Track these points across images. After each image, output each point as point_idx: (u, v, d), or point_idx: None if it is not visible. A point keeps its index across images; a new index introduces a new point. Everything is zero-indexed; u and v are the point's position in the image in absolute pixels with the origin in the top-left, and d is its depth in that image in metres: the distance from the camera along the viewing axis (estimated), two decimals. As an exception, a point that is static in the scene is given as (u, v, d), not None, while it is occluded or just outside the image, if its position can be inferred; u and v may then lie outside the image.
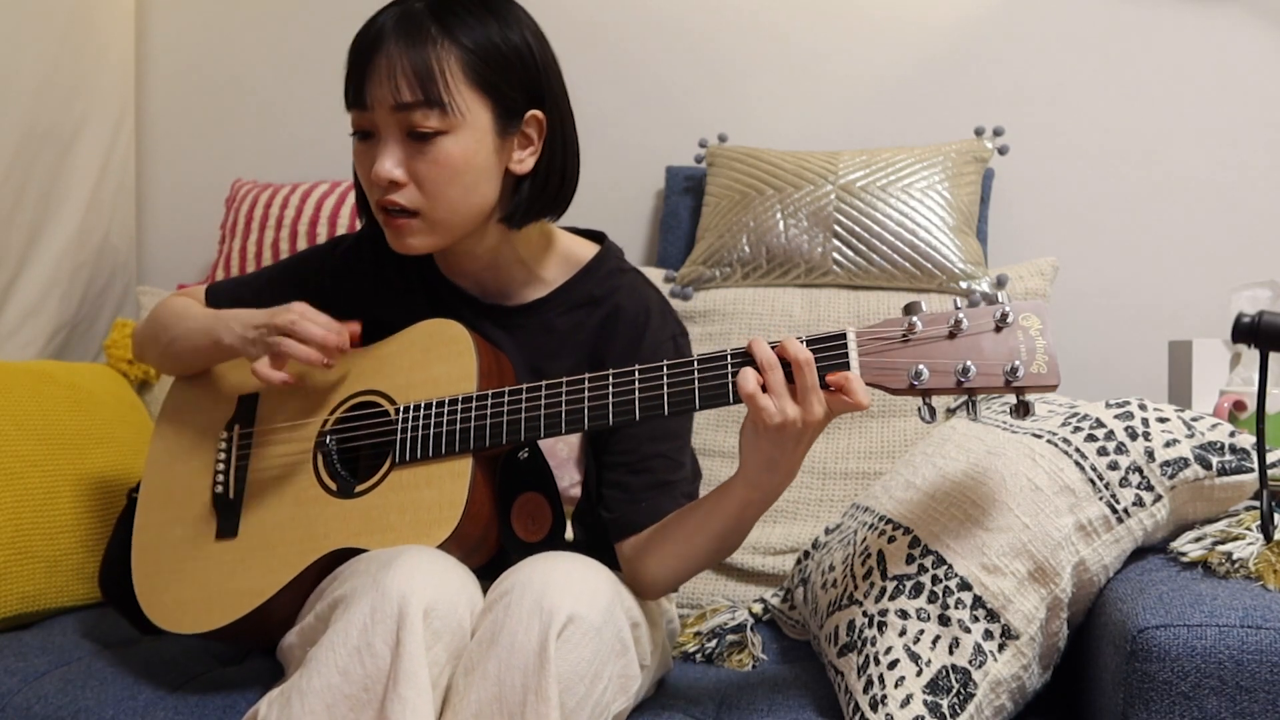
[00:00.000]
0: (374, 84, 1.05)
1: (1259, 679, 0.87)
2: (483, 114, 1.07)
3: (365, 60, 1.06)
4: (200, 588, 1.14)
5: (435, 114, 1.04)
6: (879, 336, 0.93)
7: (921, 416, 0.92)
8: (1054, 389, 0.89)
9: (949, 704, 0.97)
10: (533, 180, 1.12)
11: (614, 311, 1.17)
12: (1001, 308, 0.90)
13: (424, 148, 1.05)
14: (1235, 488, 1.05)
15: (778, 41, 1.97)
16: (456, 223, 1.10)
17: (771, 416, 0.91)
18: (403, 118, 1.05)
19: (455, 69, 1.05)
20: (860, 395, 0.90)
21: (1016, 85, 1.90)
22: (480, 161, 1.08)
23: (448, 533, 1.02)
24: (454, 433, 1.07)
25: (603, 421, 1.01)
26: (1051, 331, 0.89)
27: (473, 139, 1.06)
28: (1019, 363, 0.88)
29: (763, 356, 0.93)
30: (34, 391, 1.51)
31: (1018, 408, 0.91)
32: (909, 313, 0.93)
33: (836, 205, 1.71)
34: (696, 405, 0.97)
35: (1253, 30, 1.82)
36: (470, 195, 1.08)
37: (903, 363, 0.91)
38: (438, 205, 1.08)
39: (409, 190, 1.07)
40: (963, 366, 0.89)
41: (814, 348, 0.93)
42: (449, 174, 1.06)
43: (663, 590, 1.11)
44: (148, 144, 2.21)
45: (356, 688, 0.90)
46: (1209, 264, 1.84)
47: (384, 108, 1.05)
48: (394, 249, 1.12)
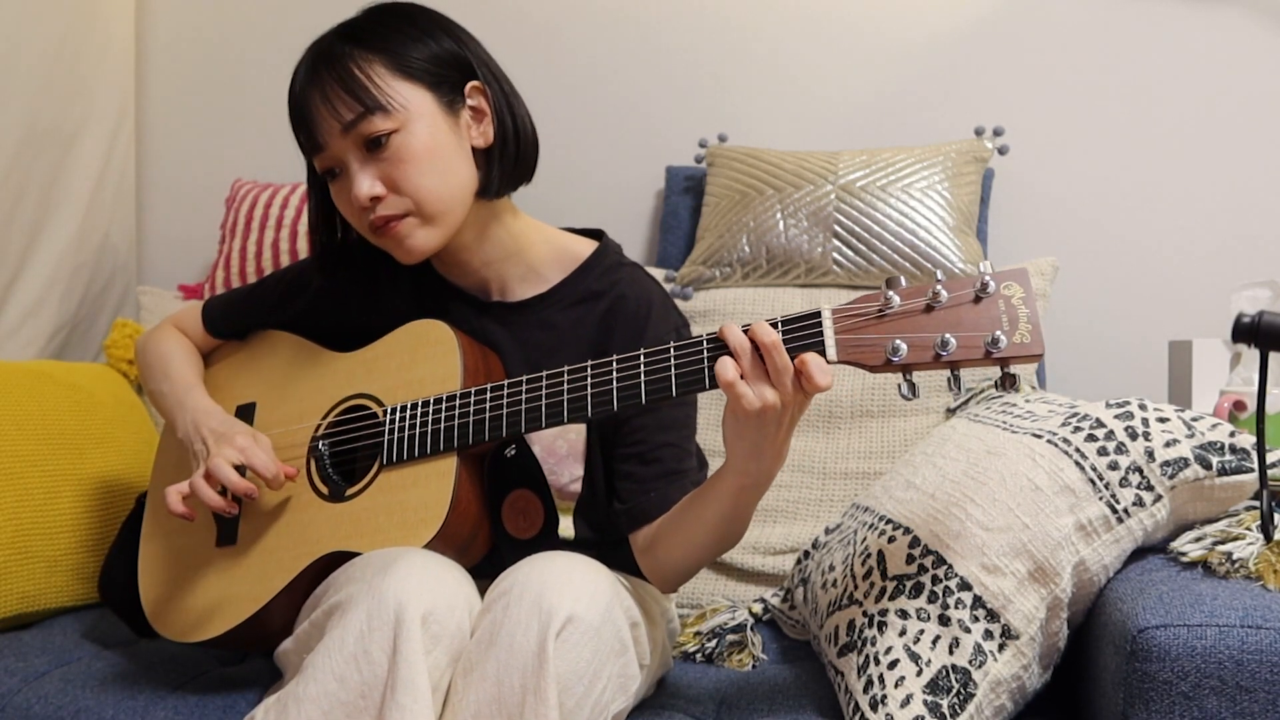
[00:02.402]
0: (317, 121, 1.09)
1: (1259, 679, 0.87)
2: (423, 100, 1.09)
3: (302, 104, 1.10)
4: (201, 597, 1.15)
5: (379, 116, 1.07)
6: (854, 314, 0.91)
7: (901, 393, 0.90)
8: (1038, 358, 0.87)
9: (949, 704, 0.97)
10: (500, 149, 1.14)
11: (616, 302, 1.17)
12: (981, 277, 0.87)
13: (385, 153, 1.08)
14: (1235, 488, 1.05)
15: (778, 41, 1.97)
16: (446, 209, 1.11)
17: (750, 402, 0.91)
18: (354, 135, 1.08)
19: (379, 69, 1.08)
20: (818, 377, 0.89)
21: (1016, 85, 1.90)
22: (442, 143, 1.10)
23: (433, 532, 1.02)
24: (438, 432, 1.07)
25: (582, 414, 1.01)
26: (1035, 298, 0.86)
27: (425, 126, 1.09)
28: (1000, 333, 0.86)
29: (735, 342, 0.92)
30: (34, 391, 1.51)
31: (1002, 380, 0.88)
32: (888, 288, 0.90)
33: (836, 205, 1.71)
34: (674, 392, 0.96)
35: (1253, 30, 1.82)
36: (448, 178, 1.10)
37: (879, 339, 0.89)
38: (422, 198, 1.09)
39: (390, 198, 1.09)
40: (941, 340, 0.87)
41: (789, 327, 0.92)
42: (418, 165, 1.08)
43: (676, 581, 1.12)
44: (148, 144, 2.21)
45: (353, 695, 0.90)
46: (1209, 264, 1.84)
47: (335, 136, 1.08)
48: (402, 261, 1.13)
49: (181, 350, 1.31)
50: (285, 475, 1.12)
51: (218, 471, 1.09)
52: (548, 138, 1.22)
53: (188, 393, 1.23)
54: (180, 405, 1.22)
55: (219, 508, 1.09)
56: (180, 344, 1.32)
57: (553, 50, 2.03)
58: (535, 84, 2.07)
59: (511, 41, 2.04)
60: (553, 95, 2.01)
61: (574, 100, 2.03)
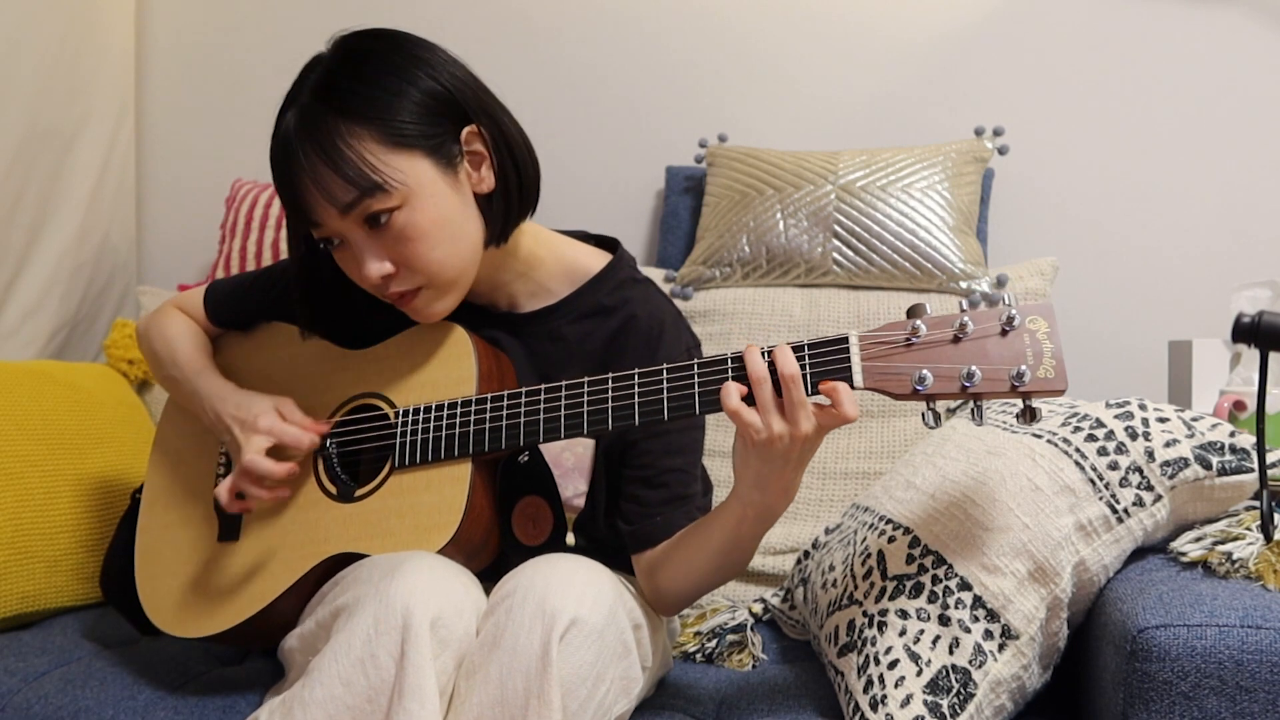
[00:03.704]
0: (312, 202, 1.03)
1: (1259, 679, 0.87)
2: (421, 167, 1.03)
3: (291, 181, 1.03)
4: (202, 592, 1.14)
5: (378, 197, 1.01)
6: (882, 341, 0.91)
7: (926, 422, 0.90)
8: (1061, 394, 0.88)
9: (949, 704, 0.97)
10: (503, 190, 1.09)
11: (628, 321, 1.15)
12: (1008, 310, 0.88)
13: (390, 230, 1.03)
14: (1235, 488, 1.05)
15: (778, 42, 1.97)
16: (460, 273, 1.08)
17: (758, 432, 0.90)
18: (355, 215, 1.02)
19: (371, 146, 1.01)
20: (848, 407, 0.88)
21: (1016, 85, 1.90)
22: (447, 210, 1.05)
23: (447, 537, 1.02)
24: (453, 436, 1.06)
25: (602, 426, 1.00)
26: (1059, 334, 0.88)
27: (427, 196, 1.03)
28: (1025, 367, 0.87)
29: (754, 369, 0.91)
30: (34, 391, 1.51)
31: (1024, 413, 0.89)
32: (913, 315, 0.91)
33: (836, 205, 1.71)
34: (696, 410, 0.95)
35: (1253, 30, 1.82)
36: (458, 244, 1.06)
37: (906, 367, 0.90)
38: (434, 272, 1.06)
39: (402, 274, 1.06)
40: (967, 371, 0.87)
41: (815, 352, 0.92)
42: (427, 241, 1.04)
43: (678, 605, 1.11)
44: (148, 144, 2.21)
45: (360, 699, 0.89)
46: (1209, 264, 1.84)
47: (333, 218, 1.03)
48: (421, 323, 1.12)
49: (188, 332, 1.27)
50: (317, 433, 1.12)
51: (255, 468, 1.07)
52: (548, 138, 1.21)
53: (199, 377, 1.20)
54: (196, 393, 1.19)
55: (271, 499, 1.10)
56: (185, 325, 1.28)
57: (553, 51, 2.03)
58: (536, 84, 2.09)
59: (512, 42, 2.05)
60: (553, 96, 2.02)
61: (574, 100, 2.03)
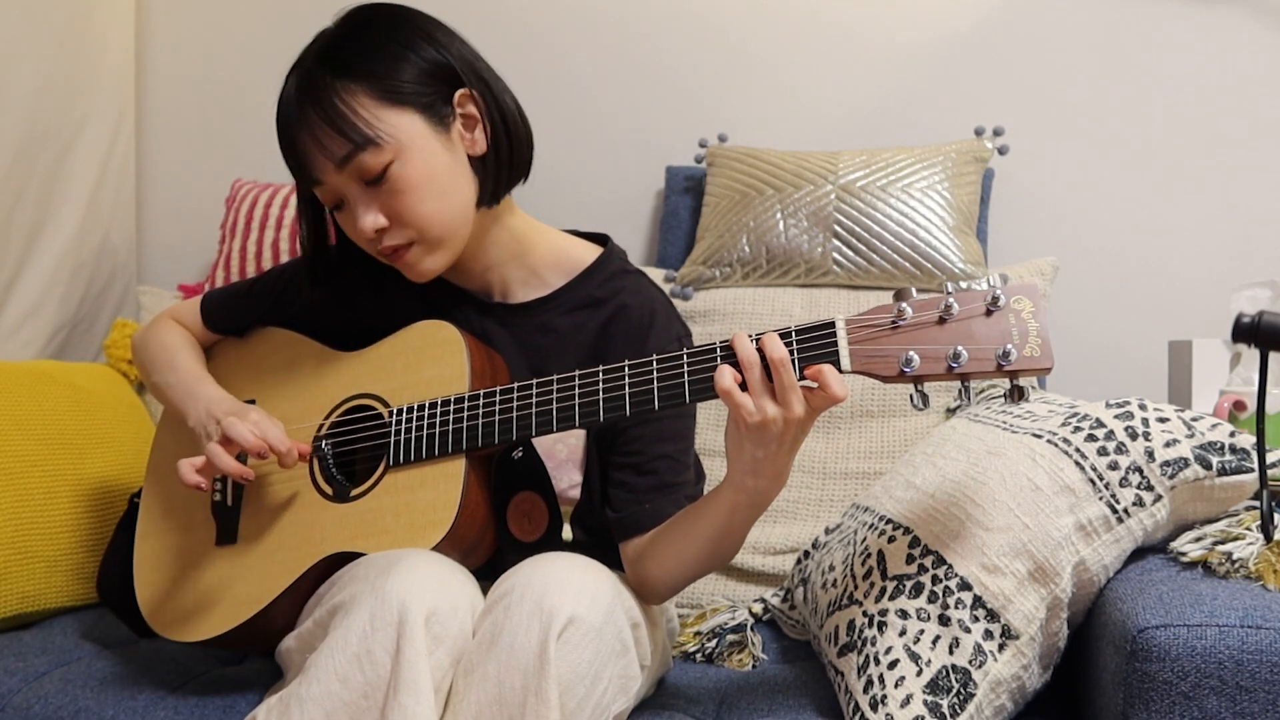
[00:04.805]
0: (310, 159, 1.08)
1: (1259, 679, 0.87)
2: (414, 124, 1.08)
3: (292, 140, 1.09)
4: (200, 596, 1.14)
5: (371, 151, 1.06)
6: (868, 324, 0.92)
7: (913, 404, 0.91)
8: (1048, 371, 0.88)
9: (949, 704, 0.97)
10: (495, 153, 1.13)
11: (618, 311, 1.16)
12: (993, 291, 0.89)
13: (384, 185, 1.08)
14: (1235, 488, 1.05)
15: (778, 42, 1.97)
16: (451, 230, 1.11)
17: (750, 414, 0.91)
18: (351, 170, 1.07)
19: (364, 100, 1.06)
20: (835, 387, 0.90)
21: (1016, 85, 1.90)
22: (438, 166, 1.09)
23: (442, 534, 1.02)
24: (446, 433, 1.07)
25: (594, 418, 1.00)
26: (1044, 313, 0.89)
27: (419, 151, 1.08)
28: (1011, 346, 0.87)
29: (743, 354, 0.92)
30: (34, 391, 1.51)
31: (1011, 392, 0.90)
32: (899, 299, 0.92)
33: (836, 205, 1.71)
34: (686, 398, 0.96)
35: (1253, 30, 1.82)
36: (448, 200, 1.10)
37: (893, 350, 0.90)
38: (424, 226, 1.09)
39: (395, 228, 1.09)
40: (954, 352, 0.88)
41: (802, 337, 0.93)
42: (417, 194, 1.08)
43: (665, 594, 1.11)
44: (148, 144, 2.21)
45: (356, 695, 0.89)
46: (1209, 264, 1.84)
47: (331, 173, 1.08)
48: (414, 281, 1.14)
49: (185, 342, 1.30)
50: (299, 453, 1.11)
51: (232, 431, 1.08)
52: (548, 138, 1.22)
53: (199, 383, 1.22)
54: (191, 395, 1.20)
55: (237, 473, 1.08)
56: (183, 336, 1.31)
57: (553, 51, 2.03)
58: (536, 84, 2.09)
59: (512, 42, 2.05)
60: (553, 96, 2.02)
61: (574, 101, 2.03)
